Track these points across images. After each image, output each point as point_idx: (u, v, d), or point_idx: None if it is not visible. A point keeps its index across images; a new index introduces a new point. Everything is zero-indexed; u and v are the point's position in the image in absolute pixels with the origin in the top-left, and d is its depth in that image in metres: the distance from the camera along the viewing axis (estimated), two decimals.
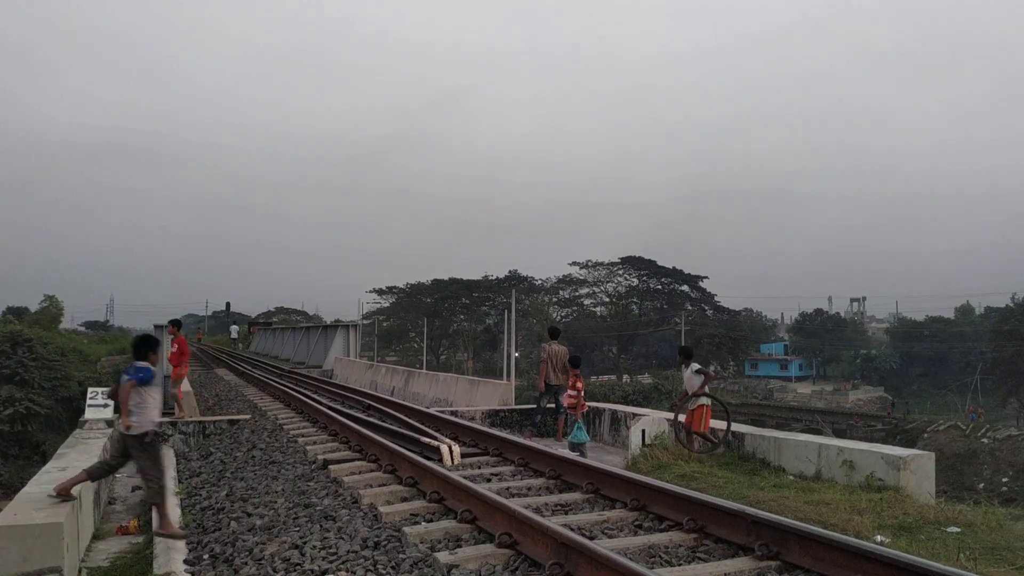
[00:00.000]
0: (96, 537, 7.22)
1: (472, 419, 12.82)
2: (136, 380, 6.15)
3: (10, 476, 33.38)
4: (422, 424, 10.78)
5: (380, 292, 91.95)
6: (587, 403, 12.78)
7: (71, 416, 37.39)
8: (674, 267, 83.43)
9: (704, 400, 10.70)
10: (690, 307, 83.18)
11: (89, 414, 10.82)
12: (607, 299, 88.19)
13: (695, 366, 11.09)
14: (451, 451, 8.49)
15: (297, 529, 6.11)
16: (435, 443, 8.78)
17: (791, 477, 9.12)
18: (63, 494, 6.15)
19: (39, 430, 38.80)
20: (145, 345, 6.45)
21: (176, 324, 14.80)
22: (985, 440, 41.56)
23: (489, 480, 7.66)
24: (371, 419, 11.59)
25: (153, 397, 6.25)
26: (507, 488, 7.23)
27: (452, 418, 11.73)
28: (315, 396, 15.44)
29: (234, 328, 61.53)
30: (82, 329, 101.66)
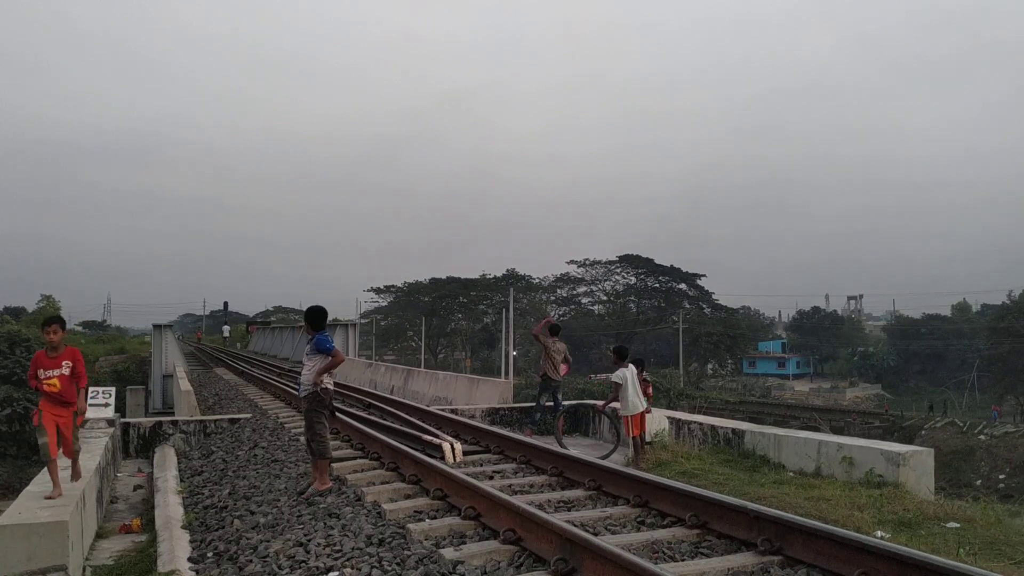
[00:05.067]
0: (99, 536, 7.24)
1: (472, 417, 12.84)
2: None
3: (8, 476, 33.37)
4: (423, 422, 10.80)
5: (378, 291, 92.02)
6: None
7: None
8: (672, 265, 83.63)
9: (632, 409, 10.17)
10: (688, 305, 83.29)
11: (90, 413, 10.81)
12: (605, 297, 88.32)
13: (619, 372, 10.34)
14: (453, 449, 8.51)
15: (301, 527, 6.13)
16: (437, 441, 8.80)
17: (791, 474, 9.16)
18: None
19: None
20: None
21: (60, 322, 6.98)
22: (982, 437, 41.68)
23: (491, 477, 7.69)
24: (372, 417, 11.61)
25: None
26: (510, 485, 7.25)
27: (453, 416, 11.75)
28: None
29: (226, 328, 63.20)
30: (79, 329, 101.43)
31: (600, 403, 10.37)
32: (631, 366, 10.33)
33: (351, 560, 5.13)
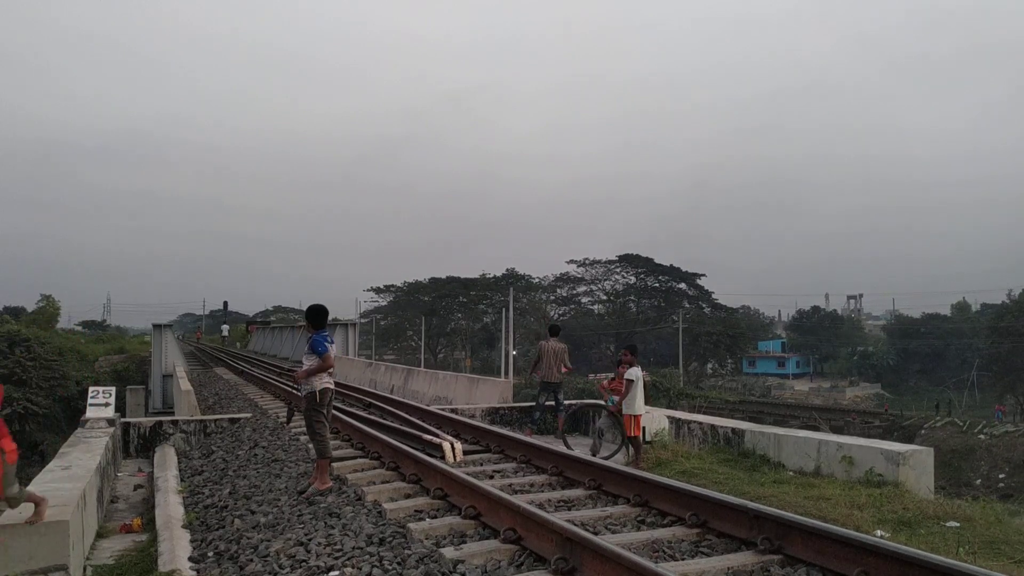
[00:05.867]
0: (100, 535, 7.24)
1: (472, 416, 12.84)
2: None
3: None
4: (423, 421, 10.80)
5: (378, 291, 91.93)
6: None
7: (69, 416, 37.38)
8: (672, 264, 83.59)
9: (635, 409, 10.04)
10: (688, 305, 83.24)
11: (90, 413, 10.83)
12: (604, 297, 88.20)
13: (633, 370, 10.22)
14: (453, 448, 8.52)
15: (302, 526, 6.14)
16: (437, 440, 8.81)
17: (791, 473, 9.16)
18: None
19: (37, 430, 38.74)
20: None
21: None
22: (982, 436, 41.68)
23: (492, 477, 7.70)
24: (372, 417, 11.61)
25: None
26: (510, 485, 7.26)
27: (453, 416, 11.75)
28: None
29: (224, 327, 64.30)
30: (79, 329, 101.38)
31: (612, 404, 10.27)
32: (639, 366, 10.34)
33: (352, 559, 5.14)
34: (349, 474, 7.89)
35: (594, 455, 9.41)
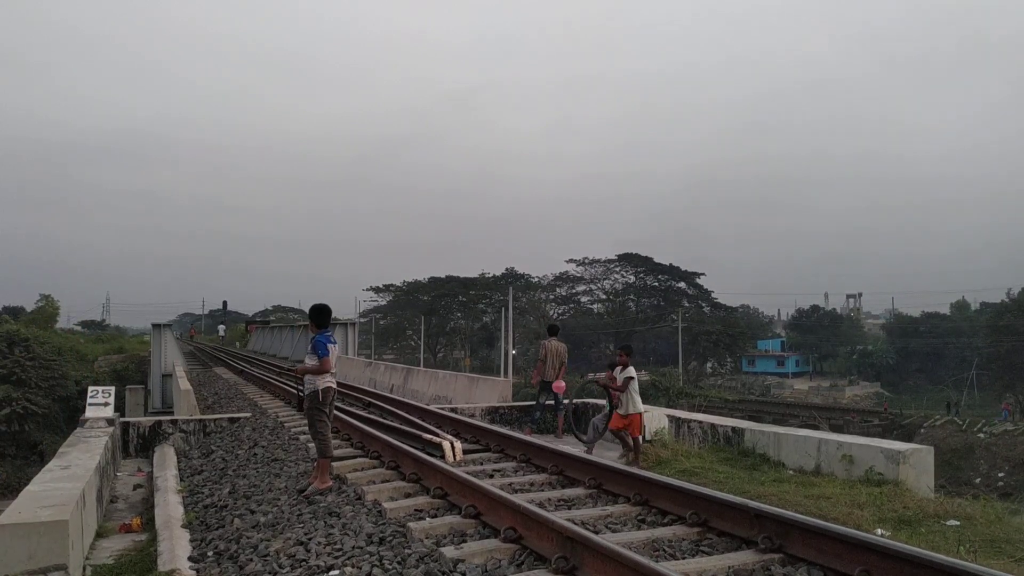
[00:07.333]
0: (99, 535, 7.22)
1: (472, 416, 12.83)
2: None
3: (8, 476, 33.36)
4: (423, 421, 10.79)
5: (377, 290, 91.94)
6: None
7: (68, 416, 37.35)
8: (671, 264, 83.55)
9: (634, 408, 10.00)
10: (687, 304, 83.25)
11: (90, 412, 10.80)
12: (604, 296, 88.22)
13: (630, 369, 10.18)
14: (453, 447, 8.51)
15: (301, 526, 6.13)
16: (437, 439, 8.79)
17: (791, 472, 9.16)
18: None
19: (36, 430, 38.72)
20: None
21: None
22: (981, 435, 41.71)
23: (492, 476, 7.68)
24: (372, 416, 11.60)
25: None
26: (510, 484, 7.25)
27: (453, 415, 11.74)
28: None
29: (221, 327, 64.90)
30: (78, 328, 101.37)
31: (613, 392, 10.14)
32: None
33: (352, 559, 5.13)
34: (349, 473, 7.88)
35: (588, 452, 9.42)
